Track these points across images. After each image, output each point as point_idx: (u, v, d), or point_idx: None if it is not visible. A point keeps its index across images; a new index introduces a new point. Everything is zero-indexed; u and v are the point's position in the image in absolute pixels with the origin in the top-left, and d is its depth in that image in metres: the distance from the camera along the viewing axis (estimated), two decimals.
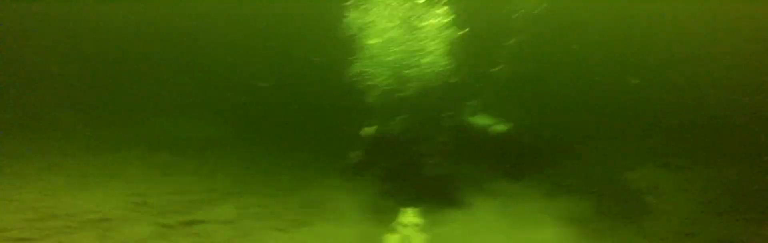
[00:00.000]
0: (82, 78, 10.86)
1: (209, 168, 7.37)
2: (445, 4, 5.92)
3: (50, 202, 4.60)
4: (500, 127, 5.76)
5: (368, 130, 5.76)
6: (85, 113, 9.63)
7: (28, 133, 8.18)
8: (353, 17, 5.85)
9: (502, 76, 7.32)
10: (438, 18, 5.93)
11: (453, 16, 5.95)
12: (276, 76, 11.48)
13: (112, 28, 11.62)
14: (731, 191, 5.90)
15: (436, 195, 5.36)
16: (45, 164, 6.59)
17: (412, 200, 5.13)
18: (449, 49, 6.09)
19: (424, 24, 5.91)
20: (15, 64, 10.44)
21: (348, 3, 5.88)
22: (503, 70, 7.28)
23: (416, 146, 5.67)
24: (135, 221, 4.32)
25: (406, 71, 6.05)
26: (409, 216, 4.55)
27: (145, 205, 4.90)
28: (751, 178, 6.00)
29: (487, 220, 4.60)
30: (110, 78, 11.10)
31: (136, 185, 5.79)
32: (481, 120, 6.01)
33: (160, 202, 5.05)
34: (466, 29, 6.05)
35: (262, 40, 11.49)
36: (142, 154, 7.75)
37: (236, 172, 7.22)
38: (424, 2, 5.90)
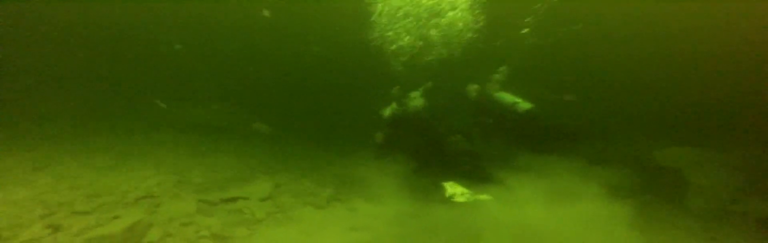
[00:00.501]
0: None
1: (241, 149, 7.59)
2: None
3: (100, 179, 4.85)
4: (525, 105, 5.59)
5: (387, 110, 5.71)
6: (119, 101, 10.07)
7: (74, 118, 8.60)
8: None
9: (527, 45, 7.05)
10: None
11: None
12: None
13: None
14: None
15: (464, 171, 5.33)
16: (92, 145, 6.95)
17: (442, 177, 5.13)
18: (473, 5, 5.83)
19: None
20: (56, 56, 10.83)
21: None
22: (528, 37, 6.98)
23: (438, 123, 5.58)
24: (178, 198, 4.52)
25: (430, 32, 5.85)
26: (453, 187, 4.59)
27: (185, 183, 5.11)
28: None
29: (523, 194, 4.57)
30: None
31: (172, 164, 6.04)
32: (505, 97, 5.84)
33: (199, 180, 5.25)
34: None
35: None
36: (174, 137, 8.06)
37: (268, 154, 7.41)
38: None
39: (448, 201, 4.57)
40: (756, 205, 5.07)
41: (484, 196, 4.65)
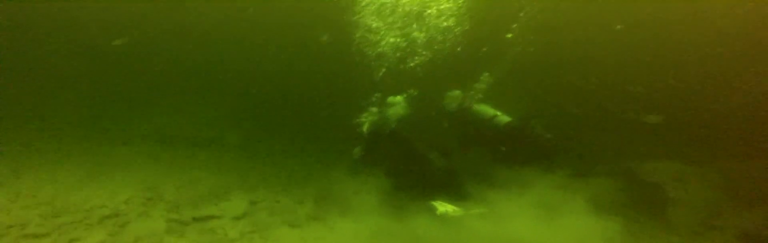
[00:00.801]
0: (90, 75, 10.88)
1: (218, 163, 7.33)
2: None
3: (64, 196, 4.56)
4: (504, 118, 5.51)
5: (365, 125, 5.64)
6: (93, 109, 9.66)
7: (41, 126, 8.20)
8: None
9: (511, 55, 7.04)
10: None
11: None
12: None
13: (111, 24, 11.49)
14: (753, 185, 5.74)
15: (445, 188, 5.23)
16: (58, 157, 6.61)
17: (423, 194, 5.03)
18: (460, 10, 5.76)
19: None
20: (23, 61, 10.43)
21: None
22: (513, 46, 6.96)
23: (415, 138, 5.51)
24: (147, 216, 4.28)
25: (415, 34, 5.74)
26: (443, 206, 4.49)
27: (157, 200, 4.86)
28: None
29: (508, 210, 4.50)
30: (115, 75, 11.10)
31: (146, 179, 5.76)
32: (485, 109, 5.75)
33: (172, 197, 5.00)
34: None
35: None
36: (151, 149, 7.73)
37: (245, 167, 7.17)
38: None
39: (438, 218, 4.45)
40: (736, 220, 5.09)
41: (476, 211, 4.56)
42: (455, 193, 5.16)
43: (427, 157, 5.26)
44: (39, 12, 10.97)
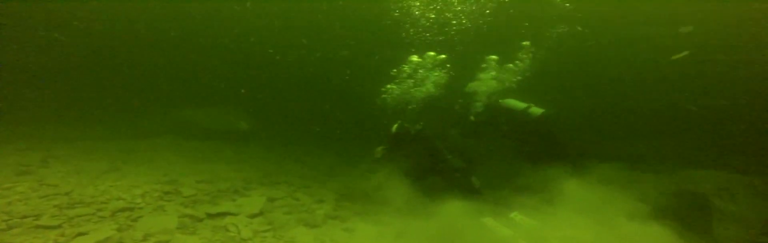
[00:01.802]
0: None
1: (242, 158, 7.23)
2: None
3: (82, 187, 4.52)
4: (537, 110, 5.22)
5: (395, 126, 5.52)
6: (119, 103, 9.91)
7: (73, 121, 8.44)
8: None
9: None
10: None
11: None
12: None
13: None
14: None
15: (466, 188, 5.01)
16: (87, 149, 6.70)
17: (443, 195, 4.71)
18: None
19: None
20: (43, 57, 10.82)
21: None
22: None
23: (433, 141, 5.34)
24: (161, 211, 4.13)
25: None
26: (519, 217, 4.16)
27: (175, 194, 4.74)
28: None
29: (533, 215, 4.05)
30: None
31: (168, 172, 5.70)
32: (514, 102, 5.48)
33: (189, 191, 4.87)
34: None
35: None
36: (174, 142, 7.75)
37: (268, 163, 7.03)
38: None
39: (477, 223, 4.10)
40: None
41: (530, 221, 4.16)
42: (475, 194, 4.93)
43: (446, 158, 4.96)
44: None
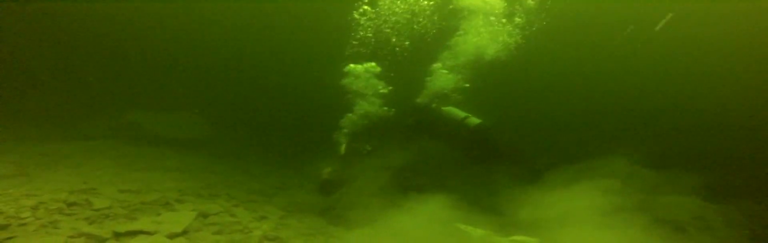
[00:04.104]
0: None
1: (184, 166, 6.45)
2: None
3: None
4: (474, 120, 5.07)
5: (342, 147, 5.38)
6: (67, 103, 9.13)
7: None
8: None
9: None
10: None
11: None
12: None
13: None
14: None
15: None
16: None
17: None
18: None
19: None
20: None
21: None
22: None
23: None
24: (51, 229, 3.34)
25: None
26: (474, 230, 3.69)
27: (80, 206, 3.94)
28: None
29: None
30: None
31: (88, 179, 4.91)
32: (454, 111, 5.32)
33: (103, 203, 4.07)
34: None
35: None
36: (113, 146, 6.95)
37: (213, 174, 6.28)
38: None
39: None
40: None
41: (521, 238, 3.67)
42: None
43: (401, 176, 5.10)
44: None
